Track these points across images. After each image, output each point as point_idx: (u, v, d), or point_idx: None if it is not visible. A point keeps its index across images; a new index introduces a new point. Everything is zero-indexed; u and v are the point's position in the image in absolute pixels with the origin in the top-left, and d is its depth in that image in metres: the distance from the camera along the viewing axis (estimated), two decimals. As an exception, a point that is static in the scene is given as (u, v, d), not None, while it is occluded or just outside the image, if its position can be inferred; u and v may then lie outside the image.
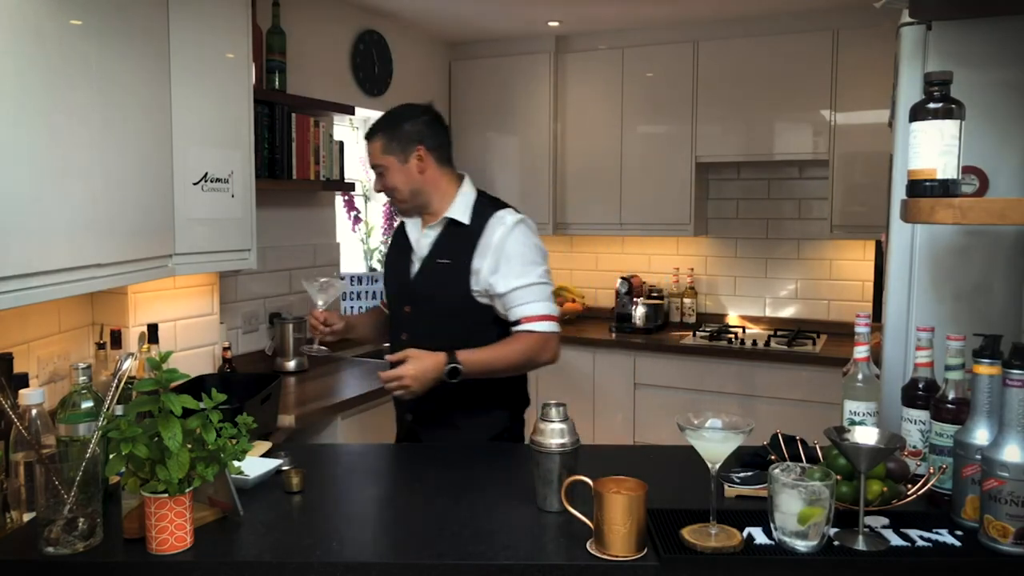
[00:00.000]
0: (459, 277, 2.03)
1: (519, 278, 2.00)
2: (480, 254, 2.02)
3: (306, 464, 1.74)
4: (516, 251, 2.01)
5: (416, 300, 2.12)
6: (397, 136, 2.07)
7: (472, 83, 4.67)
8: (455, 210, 2.08)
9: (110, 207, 2.05)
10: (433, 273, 2.08)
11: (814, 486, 1.31)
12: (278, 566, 1.34)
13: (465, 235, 2.05)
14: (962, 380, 1.54)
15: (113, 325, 2.50)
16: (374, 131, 2.10)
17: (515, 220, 2.05)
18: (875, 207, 3.61)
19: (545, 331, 2.04)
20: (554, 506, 1.52)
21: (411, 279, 2.12)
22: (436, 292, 2.07)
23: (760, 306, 4.47)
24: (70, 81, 1.89)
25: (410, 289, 2.12)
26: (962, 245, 1.96)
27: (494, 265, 2.00)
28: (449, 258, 2.06)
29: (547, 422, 1.54)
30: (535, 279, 2.02)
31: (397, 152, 2.07)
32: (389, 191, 2.11)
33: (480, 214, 2.07)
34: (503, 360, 2.01)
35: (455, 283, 2.04)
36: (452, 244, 2.07)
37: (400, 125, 2.08)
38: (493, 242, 2.01)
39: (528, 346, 2.01)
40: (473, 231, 2.04)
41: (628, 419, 4.17)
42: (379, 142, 2.08)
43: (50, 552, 1.35)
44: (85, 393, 1.57)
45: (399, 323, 2.16)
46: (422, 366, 1.91)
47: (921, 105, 1.48)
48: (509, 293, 2.00)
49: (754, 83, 4.04)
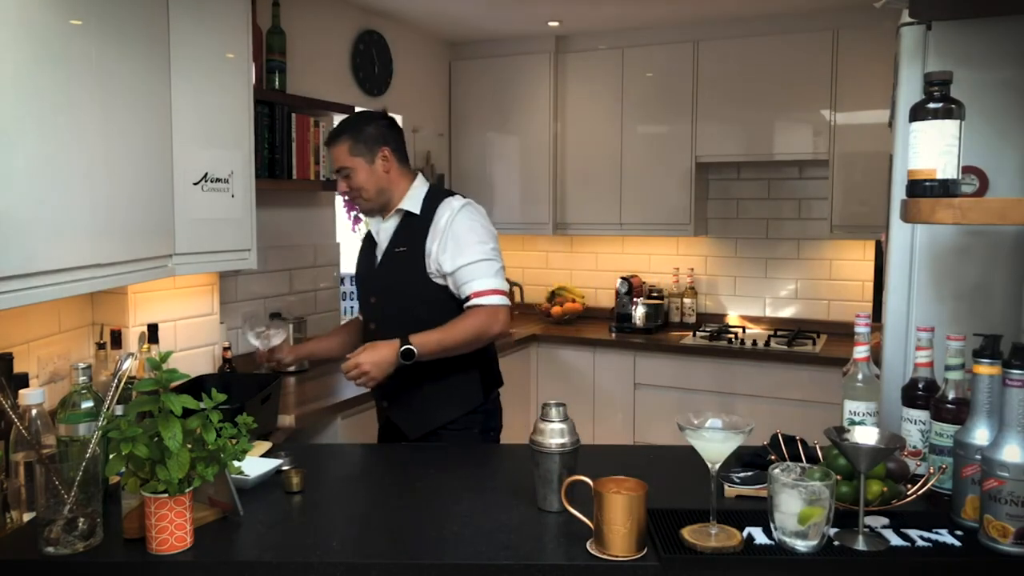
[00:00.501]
0: (416, 262, 2.17)
1: (465, 256, 2.12)
2: (431, 238, 2.15)
3: (306, 464, 1.74)
4: (462, 231, 2.13)
5: (380, 290, 2.25)
6: (363, 138, 2.18)
7: (472, 83, 4.67)
8: (408, 202, 2.21)
9: (110, 207, 2.05)
10: (393, 262, 2.22)
11: (814, 486, 1.31)
12: (278, 566, 1.34)
13: (418, 223, 2.19)
14: (962, 380, 1.54)
15: (113, 325, 2.50)
16: (338, 135, 2.19)
17: (461, 204, 2.18)
18: (875, 207, 3.61)
19: (492, 304, 2.12)
20: (554, 506, 1.52)
21: (374, 270, 2.26)
22: (397, 279, 2.21)
23: (760, 306, 4.47)
24: (70, 81, 1.89)
25: (374, 280, 2.27)
26: (962, 245, 1.96)
27: (443, 245, 2.13)
28: (405, 246, 2.19)
29: (547, 422, 1.54)
30: (480, 256, 2.12)
31: (364, 153, 2.18)
32: (355, 191, 2.20)
33: (430, 203, 2.21)
34: (454, 337, 2.09)
35: (413, 268, 2.17)
36: (407, 233, 2.20)
37: (363, 128, 2.19)
38: (441, 225, 2.15)
39: (477, 320, 2.10)
40: (425, 218, 2.19)
41: (628, 419, 4.17)
42: (345, 144, 2.17)
43: (50, 552, 1.35)
44: (85, 393, 1.57)
45: (368, 314, 2.30)
46: (377, 353, 2.02)
47: (921, 105, 1.48)
48: (457, 271, 2.12)
49: (754, 83, 4.04)
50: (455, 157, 4.74)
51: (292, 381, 3.19)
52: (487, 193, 4.58)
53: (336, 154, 2.19)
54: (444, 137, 4.69)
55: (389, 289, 2.23)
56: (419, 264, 2.16)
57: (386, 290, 2.24)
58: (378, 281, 2.26)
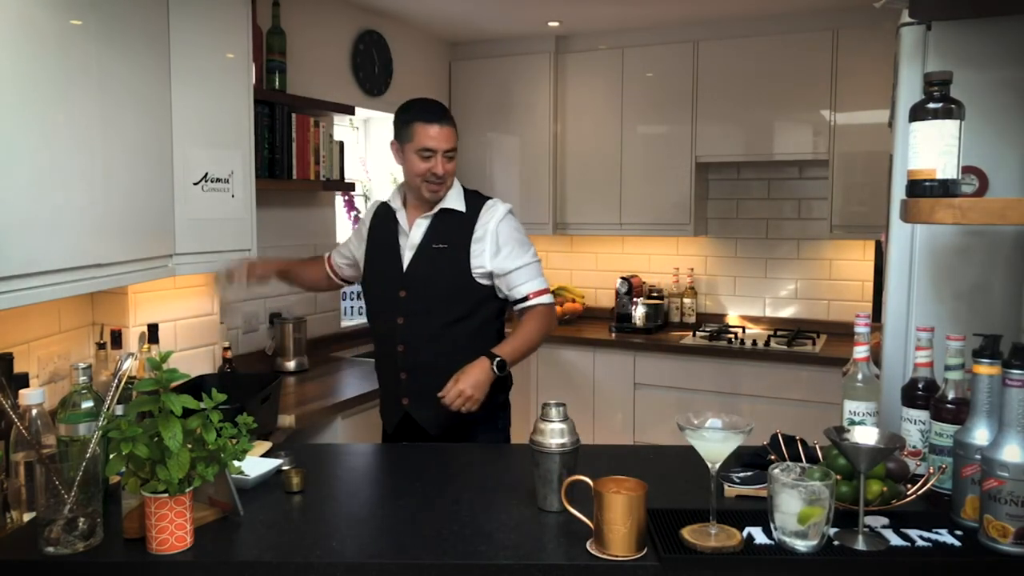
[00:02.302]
0: (458, 259, 2.19)
1: (522, 258, 2.20)
2: (478, 237, 2.20)
3: (306, 464, 1.74)
4: (515, 234, 2.23)
5: (412, 284, 2.22)
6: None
7: (472, 83, 4.67)
8: (451, 200, 2.24)
9: (110, 207, 2.05)
10: (430, 257, 2.21)
11: (814, 486, 1.31)
12: (278, 566, 1.34)
13: (460, 221, 2.22)
14: (962, 380, 1.54)
15: (113, 325, 2.50)
16: (449, 116, 2.24)
17: (506, 208, 2.26)
18: (875, 207, 3.61)
19: (549, 303, 2.26)
20: (554, 506, 1.52)
21: (407, 265, 2.23)
22: (434, 275, 2.20)
23: (760, 306, 4.47)
24: (70, 81, 1.89)
25: (406, 274, 2.23)
26: (962, 245, 1.96)
27: (494, 248, 2.19)
28: (446, 242, 2.21)
29: (547, 422, 1.54)
30: (533, 258, 2.24)
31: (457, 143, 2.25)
32: (449, 176, 2.22)
33: (472, 203, 2.26)
34: (531, 339, 2.20)
35: (453, 264, 2.19)
36: (447, 229, 2.22)
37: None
38: (491, 226, 2.20)
39: (542, 320, 2.22)
40: (468, 217, 2.23)
41: (628, 419, 4.17)
42: (455, 129, 2.24)
43: (50, 552, 1.35)
44: (85, 393, 1.57)
45: (392, 307, 2.24)
46: (473, 376, 2.06)
47: (921, 105, 1.48)
48: (514, 272, 2.19)
49: (754, 83, 4.04)
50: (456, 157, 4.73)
51: (292, 381, 3.19)
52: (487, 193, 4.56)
53: (451, 135, 2.22)
54: (444, 137, 4.68)
55: (423, 283, 2.21)
56: (461, 261, 2.19)
57: (420, 284, 2.21)
58: (411, 275, 2.23)
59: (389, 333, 2.24)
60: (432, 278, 2.21)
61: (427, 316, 2.19)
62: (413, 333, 2.20)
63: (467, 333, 2.21)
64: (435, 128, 2.19)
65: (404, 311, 2.22)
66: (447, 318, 2.19)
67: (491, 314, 2.27)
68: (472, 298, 2.21)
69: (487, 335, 2.25)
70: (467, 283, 2.20)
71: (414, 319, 2.20)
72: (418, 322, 2.20)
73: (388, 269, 2.27)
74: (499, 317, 2.31)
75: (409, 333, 2.21)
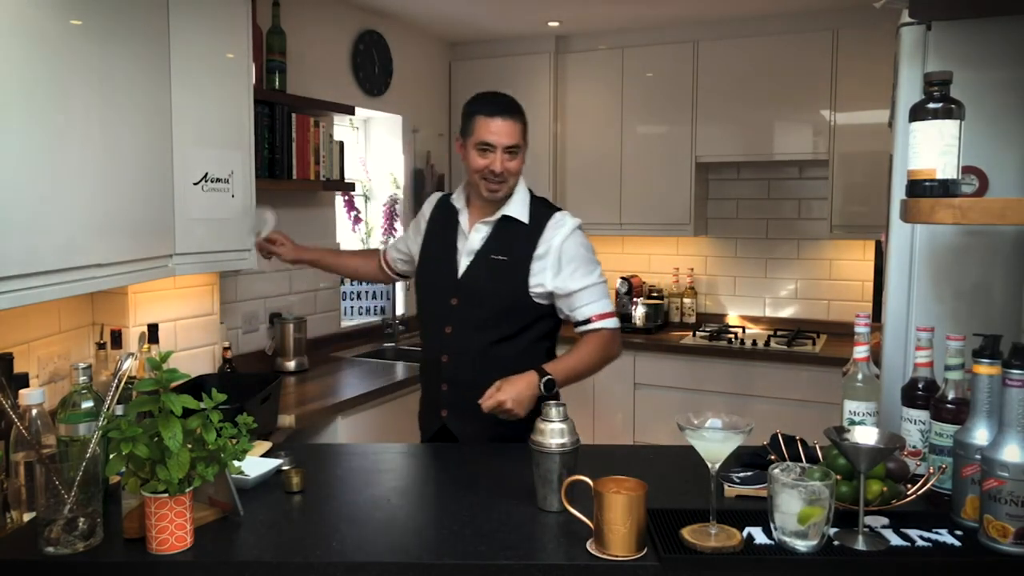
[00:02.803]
0: (516, 273, 2.07)
1: (589, 278, 2.08)
2: (541, 253, 2.06)
3: (306, 464, 1.74)
4: (578, 253, 2.08)
5: (465, 294, 2.10)
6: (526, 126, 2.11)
7: (472, 83, 4.66)
8: (513, 208, 2.10)
9: (110, 207, 2.05)
10: (487, 267, 2.09)
11: (814, 486, 1.31)
12: (278, 566, 1.34)
13: (523, 233, 2.09)
14: (962, 380, 1.53)
15: (113, 325, 2.50)
16: (519, 111, 2.09)
17: (574, 223, 2.11)
18: (875, 207, 3.61)
19: (614, 327, 2.12)
20: (554, 506, 1.51)
21: (463, 272, 2.11)
22: (490, 287, 2.08)
23: (760, 306, 4.47)
24: (70, 81, 1.89)
25: (460, 282, 2.11)
26: (962, 245, 1.96)
27: (557, 266, 2.06)
28: (506, 255, 2.08)
29: (547, 422, 1.54)
30: (600, 278, 2.11)
31: (526, 140, 2.11)
32: (510, 174, 2.08)
33: (537, 214, 2.11)
34: (586, 363, 2.07)
35: (511, 279, 2.07)
36: (508, 241, 2.09)
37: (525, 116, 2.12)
38: (556, 243, 2.06)
39: (603, 344, 2.10)
40: (531, 230, 2.08)
41: (628, 419, 4.17)
42: (522, 124, 2.08)
43: (50, 552, 1.35)
44: (85, 393, 1.57)
45: (442, 315, 2.13)
46: (516, 388, 1.93)
47: (921, 105, 1.48)
48: (578, 292, 2.06)
49: (754, 83, 4.04)
50: (455, 157, 4.74)
51: (292, 381, 3.19)
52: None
53: (514, 129, 2.06)
54: (444, 137, 4.69)
55: (477, 295, 2.08)
56: (521, 275, 2.06)
57: (473, 295, 2.09)
58: (465, 284, 2.10)
59: (436, 341, 2.14)
60: (487, 291, 2.08)
61: (477, 330, 2.08)
62: (460, 345, 2.09)
63: (516, 352, 2.08)
64: (496, 122, 2.04)
65: (454, 320, 2.11)
66: (497, 335, 2.07)
67: (543, 334, 2.15)
68: (527, 316, 2.10)
69: (536, 355, 2.11)
70: (523, 301, 2.08)
71: (463, 331, 2.09)
72: (467, 335, 2.08)
73: (442, 272, 2.15)
74: (551, 337, 2.19)
75: (456, 344, 2.10)
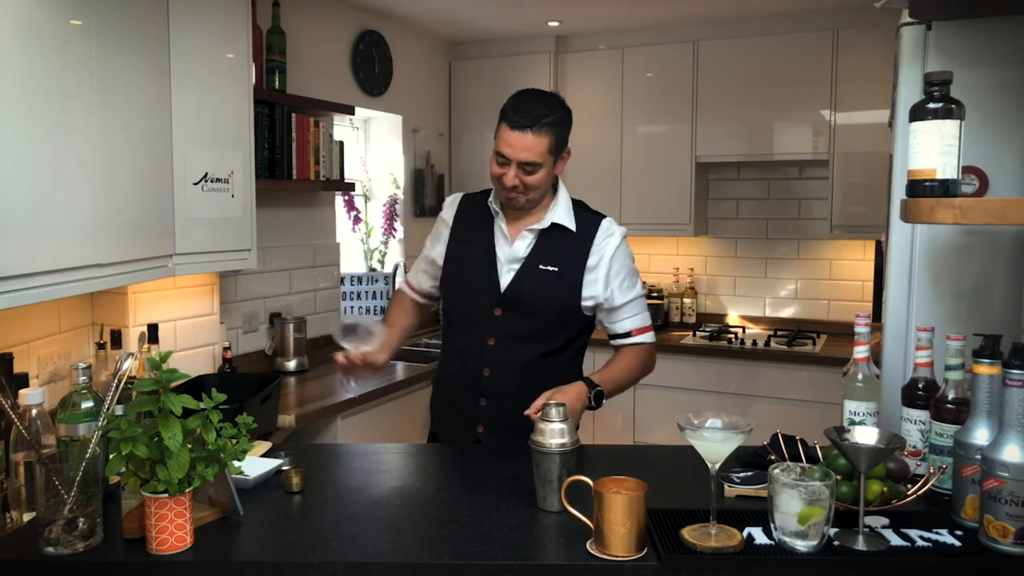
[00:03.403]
0: (568, 285, 1.98)
1: (629, 292, 2.02)
2: (592, 265, 1.99)
3: (306, 464, 1.74)
4: (626, 264, 2.03)
5: (512, 305, 1.98)
6: (563, 136, 1.93)
7: (472, 83, 4.67)
8: (559, 215, 2.00)
9: (110, 207, 2.05)
10: (536, 278, 1.98)
11: (814, 486, 1.31)
12: (278, 566, 1.34)
13: (573, 242, 1.99)
14: (962, 380, 1.53)
15: (113, 325, 2.50)
16: (541, 124, 1.87)
17: (622, 232, 2.05)
18: (875, 207, 3.61)
19: (652, 342, 2.11)
20: (554, 506, 1.51)
21: (509, 283, 1.99)
22: (539, 299, 1.98)
23: (760, 306, 4.47)
24: (70, 81, 1.89)
25: (506, 293, 1.99)
26: (962, 245, 1.96)
27: (607, 279, 1.99)
28: (556, 265, 1.98)
29: (547, 422, 1.54)
30: (640, 292, 2.07)
31: (556, 153, 1.93)
32: (527, 188, 1.92)
33: (584, 221, 2.03)
34: (628, 376, 2.05)
35: (563, 291, 1.98)
36: (558, 250, 1.99)
37: (565, 123, 1.93)
38: (608, 253, 1.99)
39: (643, 358, 2.08)
40: (580, 238, 2.00)
41: (628, 419, 4.17)
42: (547, 139, 1.88)
43: (50, 552, 1.35)
44: (85, 393, 1.57)
45: (483, 325, 2.00)
46: (569, 399, 1.80)
47: (921, 105, 1.48)
48: (625, 305, 2.01)
49: (754, 83, 4.04)
50: (455, 157, 4.74)
51: (292, 381, 3.19)
52: (487, 193, 4.58)
53: (535, 145, 1.86)
54: (444, 137, 4.69)
55: (525, 305, 1.98)
56: (572, 287, 1.98)
57: (521, 306, 1.98)
58: (512, 295, 1.98)
59: (475, 353, 2.01)
60: (537, 302, 1.97)
61: (523, 343, 1.98)
62: (504, 358, 1.98)
63: (560, 365, 2.02)
64: (515, 135, 1.87)
65: (497, 332, 1.99)
66: (544, 348, 1.99)
67: (582, 345, 2.10)
68: (574, 328, 2.03)
69: (576, 367, 2.08)
70: (574, 313, 2.00)
71: (507, 343, 1.98)
72: (512, 348, 1.98)
73: (482, 280, 2.01)
74: (585, 347, 2.14)
75: (499, 358, 1.99)
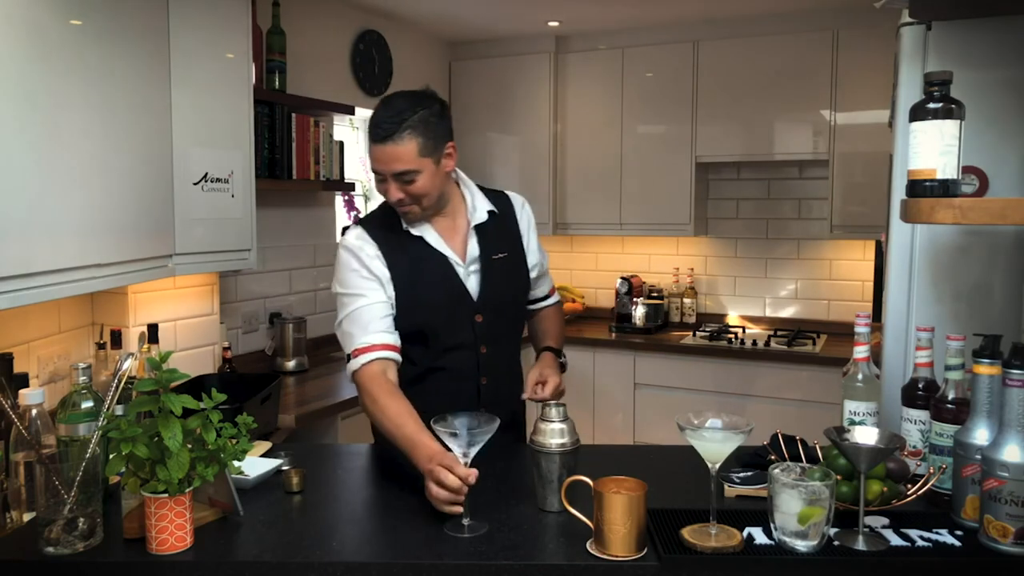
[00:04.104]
0: (520, 265, 2.00)
1: (542, 255, 2.08)
2: (526, 238, 2.03)
3: (306, 464, 1.74)
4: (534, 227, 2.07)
5: (488, 307, 1.91)
6: (432, 134, 1.76)
7: (472, 83, 4.67)
8: (482, 203, 1.96)
9: (110, 207, 2.05)
10: (498, 271, 1.93)
11: (814, 486, 1.31)
12: (278, 566, 1.34)
13: (503, 222, 1.98)
14: (962, 380, 1.53)
15: (113, 325, 2.50)
16: (400, 129, 1.72)
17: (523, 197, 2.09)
18: (875, 207, 3.61)
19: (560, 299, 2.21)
20: (554, 506, 1.51)
21: (479, 285, 1.90)
22: (507, 289, 1.96)
23: (760, 306, 4.47)
24: (70, 81, 1.89)
25: (479, 297, 1.90)
26: (962, 245, 1.96)
27: (538, 243, 2.05)
28: (505, 251, 1.95)
29: (547, 422, 1.54)
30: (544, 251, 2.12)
31: (433, 152, 1.77)
32: (415, 198, 1.79)
33: (497, 201, 2.01)
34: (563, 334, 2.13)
35: (519, 273, 2.00)
36: (498, 236, 1.96)
37: (431, 121, 1.76)
38: (530, 222, 2.05)
39: (562, 315, 2.17)
40: (506, 216, 2.00)
41: (628, 419, 4.17)
42: (413, 144, 1.73)
43: (50, 552, 1.35)
44: (85, 393, 1.57)
45: (471, 339, 1.90)
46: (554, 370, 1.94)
47: (921, 105, 1.48)
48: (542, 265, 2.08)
49: (754, 83, 4.04)
50: (455, 157, 4.73)
51: (292, 381, 3.19)
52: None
53: (397, 154, 1.72)
54: (444, 137, 4.69)
55: (499, 303, 1.93)
56: (523, 267, 2.00)
57: (496, 306, 1.92)
58: (485, 297, 1.90)
59: (470, 367, 1.91)
60: (506, 294, 1.95)
61: (507, 342, 1.98)
62: (496, 364, 1.95)
63: (519, 347, 2.03)
64: (377, 148, 1.74)
65: (486, 339, 1.91)
66: (517, 339, 2.00)
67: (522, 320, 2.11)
68: (527, 303, 2.08)
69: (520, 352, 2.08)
70: (528, 289, 2.04)
71: (497, 348, 1.94)
72: (500, 351, 1.96)
73: (452, 294, 1.87)
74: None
75: (493, 364, 1.94)
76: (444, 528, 1.44)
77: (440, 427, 1.46)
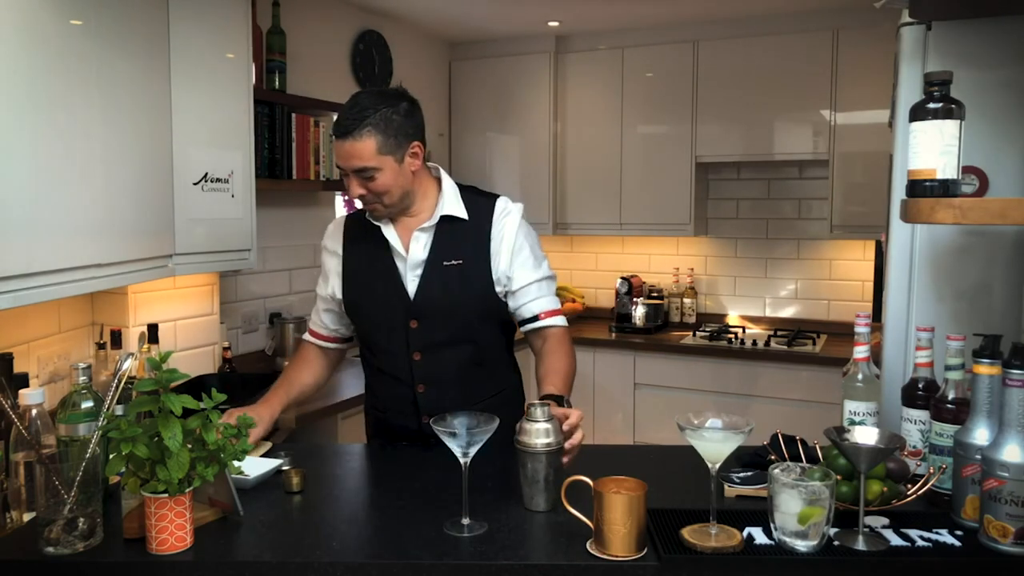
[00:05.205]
0: (478, 276, 1.89)
1: (541, 270, 1.93)
2: (497, 247, 1.89)
3: (306, 464, 1.74)
4: (531, 240, 1.94)
5: (425, 313, 1.88)
6: (392, 131, 1.77)
7: (472, 83, 4.67)
8: (447, 206, 1.88)
9: (110, 207, 2.05)
10: (444, 277, 1.88)
11: (814, 486, 1.31)
12: (278, 566, 1.34)
13: (472, 229, 1.89)
14: (962, 380, 1.53)
15: (113, 325, 2.50)
16: (359, 126, 1.75)
17: (519, 208, 1.95)
18: (875, 207, 3.61)
19: (565, 326, 1.97)
20: (541, 506, 1.52)
21: (415, 290, 1.88)
22: (453, 297, 1.88)
23: (760, 306, 4.47)
24: (70, 81, 1.89)
25: (415, 302, 1.88)
26: (962, 245, 1.96)
27: (514, 255, 1.89)
28: (460, 258, 1.88)
29: (532, 422, 1.54)
30: (547, 272, 1.95)
31: (394, 150, 1.79)
32: (377, 196, 1.82)
33: (478, 205, 1.92)
34: (571, 370, 1.89)
35: (474, 283, 1.89)
36: (457, 242, 1.89)
37: (391, 118, 1.78)
38: (507, 232, 1.90)
39: (569, 346, 1.93)
40: (479, 223, 1.90)
41: (628, 419, 4.17)
42: (371, 140, 1.75)
43: (50, 552, 1.35)
44: (85, 393, 1.57)
45: (403, 343, 1.90)
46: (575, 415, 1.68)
47: (921, 105, 1.48)
48: (530, 285, 1.91)
49: (754, 83, 4.04)
50: (455, 157, 4.74)
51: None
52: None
53: (356, 151, 1.75)
54: (444, 137, 4.69)
55: (441, 310, 1.88)
56: (483, 278, 1.88)
57: (436, 312, 1.88)
58: (421, 302, 1.87)
59: (404, 372, 1.91)
60: (450, 302, 1.88)
61: (450, 349, 1.90)
62: (434, 371, 1.90)
63: (490, 362, 1.96)
64: (338, 144, 1.77)
65: (420, 345, 1.89)
66: (472, 349, 1.91)
67: (508, 339, 2.02)
68: (492, 318, 1.94)
69: (502, 362, 2.01)
70: (490, 303, 1.90)
71: (433, 355, 1.89)
72: (439, 358, 1.90)
73: (389, 295, 1.90)
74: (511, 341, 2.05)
75: (430, 371, 1.90)
76: (444, 528, 1.45)
77: (439, 427, 1.46)
